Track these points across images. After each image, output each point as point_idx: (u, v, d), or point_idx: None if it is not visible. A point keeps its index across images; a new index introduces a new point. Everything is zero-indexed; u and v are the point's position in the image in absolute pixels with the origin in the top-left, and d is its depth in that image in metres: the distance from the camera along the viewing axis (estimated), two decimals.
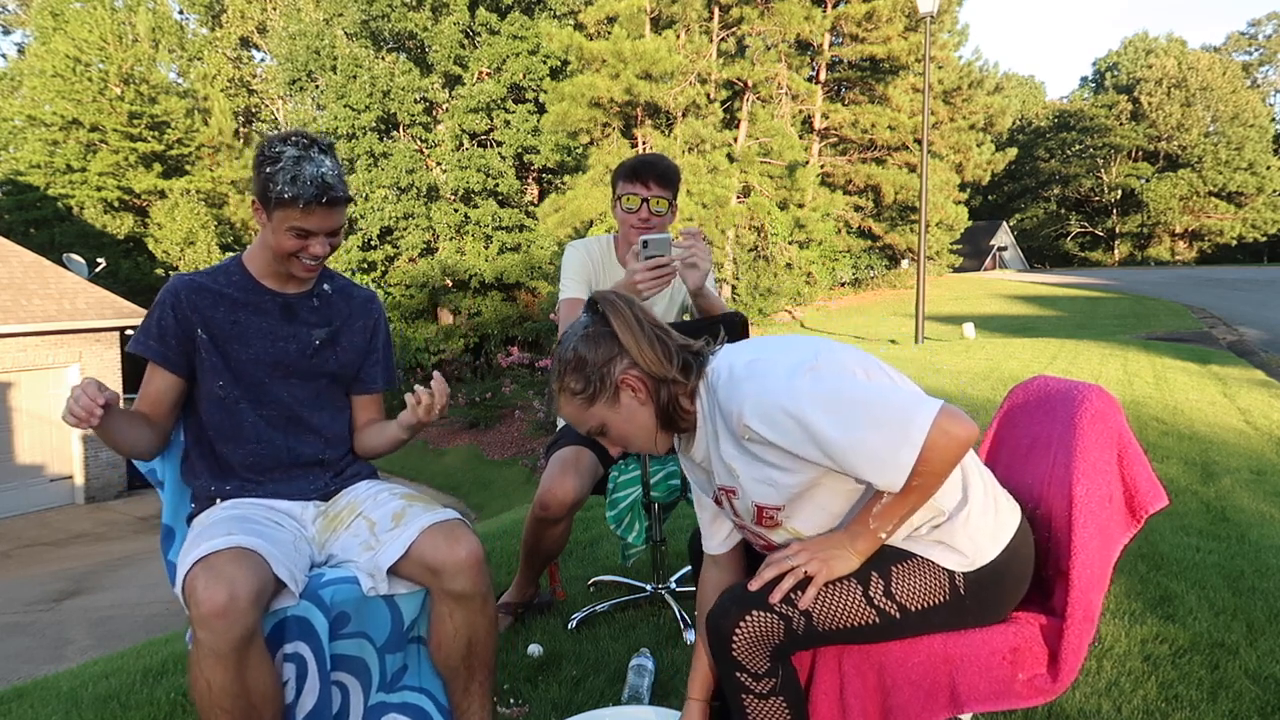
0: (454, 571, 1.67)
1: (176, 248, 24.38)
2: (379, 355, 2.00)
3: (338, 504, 1.89)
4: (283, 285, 1.86)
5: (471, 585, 1.69)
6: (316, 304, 1.89)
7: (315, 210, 1.70)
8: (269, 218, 1.73)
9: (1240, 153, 40.68)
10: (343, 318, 1.92)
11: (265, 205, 1.72)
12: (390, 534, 1.72)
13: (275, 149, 1.69)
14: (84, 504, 14.36)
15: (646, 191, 2.41)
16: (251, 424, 1.82)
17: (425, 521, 1.71)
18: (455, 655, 1.73)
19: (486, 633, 1.74)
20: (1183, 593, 2.63)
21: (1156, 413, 6.10)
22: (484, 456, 16.14)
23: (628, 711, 1.70)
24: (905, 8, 21.14)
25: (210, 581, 1.47)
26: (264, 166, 1.69)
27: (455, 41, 22.47)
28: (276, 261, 1.80)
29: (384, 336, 2.02)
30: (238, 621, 1.47)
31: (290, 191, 1.67)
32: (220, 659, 1.46)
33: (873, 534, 1.34)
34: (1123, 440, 1.42)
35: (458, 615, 1.70)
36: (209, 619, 1.45)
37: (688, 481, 2.35)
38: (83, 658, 6.19)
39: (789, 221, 20.89)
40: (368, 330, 1.97)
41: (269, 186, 1.68)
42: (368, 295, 2.01)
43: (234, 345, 1.81)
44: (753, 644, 1.32)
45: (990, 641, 1.40)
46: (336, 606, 1.70)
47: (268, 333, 1.83)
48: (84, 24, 23.79)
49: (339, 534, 1.82)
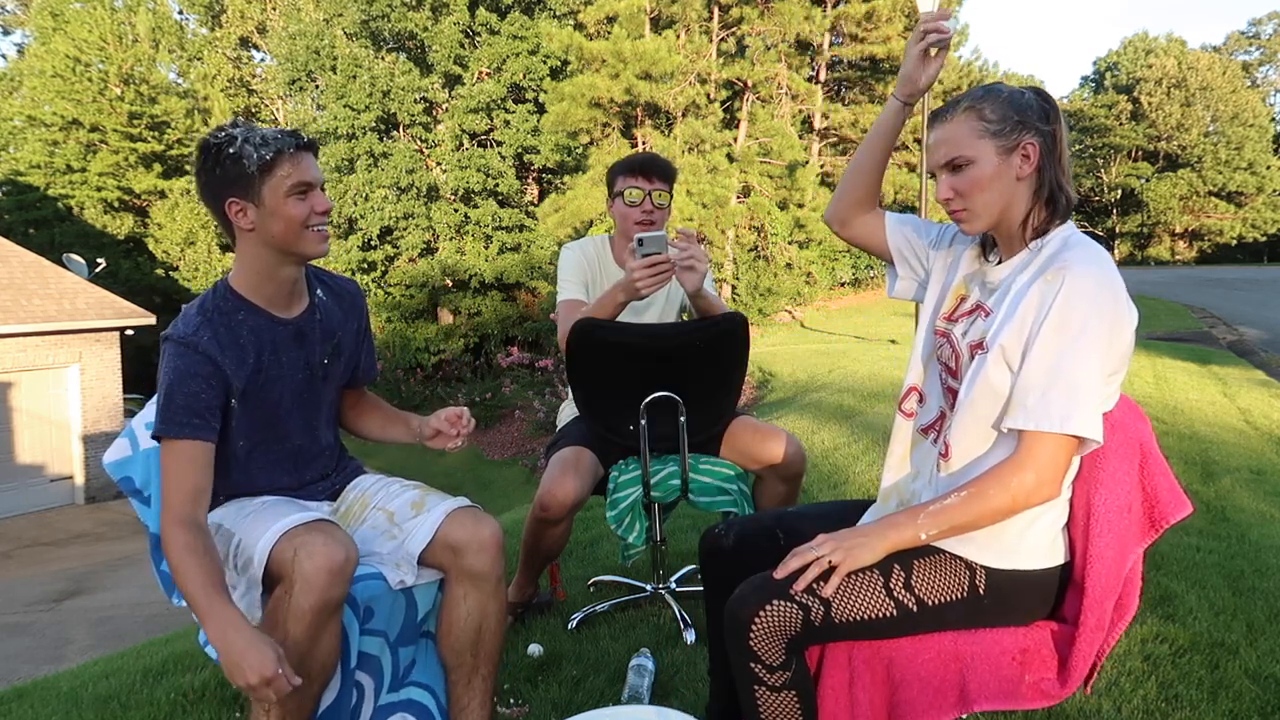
0: (477, 549, 1.70)
1: (176, 248, 24.40)
2: (366, 346, 1.96)
3: (346, 499, 1.90)
4: (288, 309, 1.74)
5: (490, 565, 1.72)
6: (320, 317, 1.80)
7: (301, 155, 1.61)
8: (259, 200, 1.59)
9: (1240, 153, 40.63)
10: (339, 323, 1.86)
11: (249, 188, 1.59)
12: (413, 521, 1.74)
13: (221, 136, 1.60)
14: (84, 504, 14.36)
15: (649, 185, 2.43)
16: (260, 464, 1.78)
17: (450, 505, 1.75)
18: (464, 641, 1.73)
19: (497, 621, 1.76)
20: (1183, 593, 2.63)
21: (1156, 413, 6.10)
22: (484, 456, 16.14)
23: (628, 711, 1.70)
24: (905, 8, 21.13)
25: (330, 540, 1.51)
26: (222, 154, 1.58)
27: (455, 41, 22.46)
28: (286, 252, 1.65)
29: (369, 328, 1.97)
30: (343, 583, 1.51)
31: (270, 150, 1.57)
32: (309, 617, 1.49)
33: (915, 529, 1.34)
34: (1145, 449, 1.40)
35: (472, 597, 1.72)
36: (322, 573, 1.48)
37: (688, 482, 2.35)
38: (83, 658, 6.19)
39: (789, 221, 20.86)
40: (358, 328, 1.92)
41: (244, 164, 1.57)
42: (352, 290, 1.93)
43: (266, 395, 1.72)
44: (770, 635, 1.32)
45: (1000, 641, 1.40)
46: (363, 603, 1.72)
47: (287, 366, 1.74)
48: (84, 24, 23.81)
49: (355, 529, 1.82)
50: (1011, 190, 1.39)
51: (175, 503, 1.54)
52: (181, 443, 1.57)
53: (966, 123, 1.39)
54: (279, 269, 1.68)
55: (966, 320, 1.46)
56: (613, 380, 2.28)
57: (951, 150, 1.40)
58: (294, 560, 1.50)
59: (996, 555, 1.39)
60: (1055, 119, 1.39)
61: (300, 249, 1.65)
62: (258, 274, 1.68)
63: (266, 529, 1.58)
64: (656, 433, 2.31)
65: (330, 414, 1.90)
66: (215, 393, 1.61)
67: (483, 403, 17.87)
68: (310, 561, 1.48)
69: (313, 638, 1.51)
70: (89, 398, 14.44)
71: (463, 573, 1.72)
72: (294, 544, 1.51)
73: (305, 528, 1.55)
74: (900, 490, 1.54)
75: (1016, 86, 1.43)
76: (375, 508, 1.82)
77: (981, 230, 1.44)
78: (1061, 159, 1.40)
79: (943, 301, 1.55)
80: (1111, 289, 1.30)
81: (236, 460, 1.74)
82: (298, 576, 1.49)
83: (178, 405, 1.57)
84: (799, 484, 2.42)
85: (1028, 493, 1.30)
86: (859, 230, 1.68)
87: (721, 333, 2.22)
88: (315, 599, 1.48)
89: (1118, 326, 1.31)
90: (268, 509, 1.67)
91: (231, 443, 1.71)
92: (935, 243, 1.63)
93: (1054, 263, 1.34)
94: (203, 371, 1.60)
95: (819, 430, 5.94)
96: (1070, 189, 1.41)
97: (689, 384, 2.27)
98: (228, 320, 1.66)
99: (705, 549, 1.69)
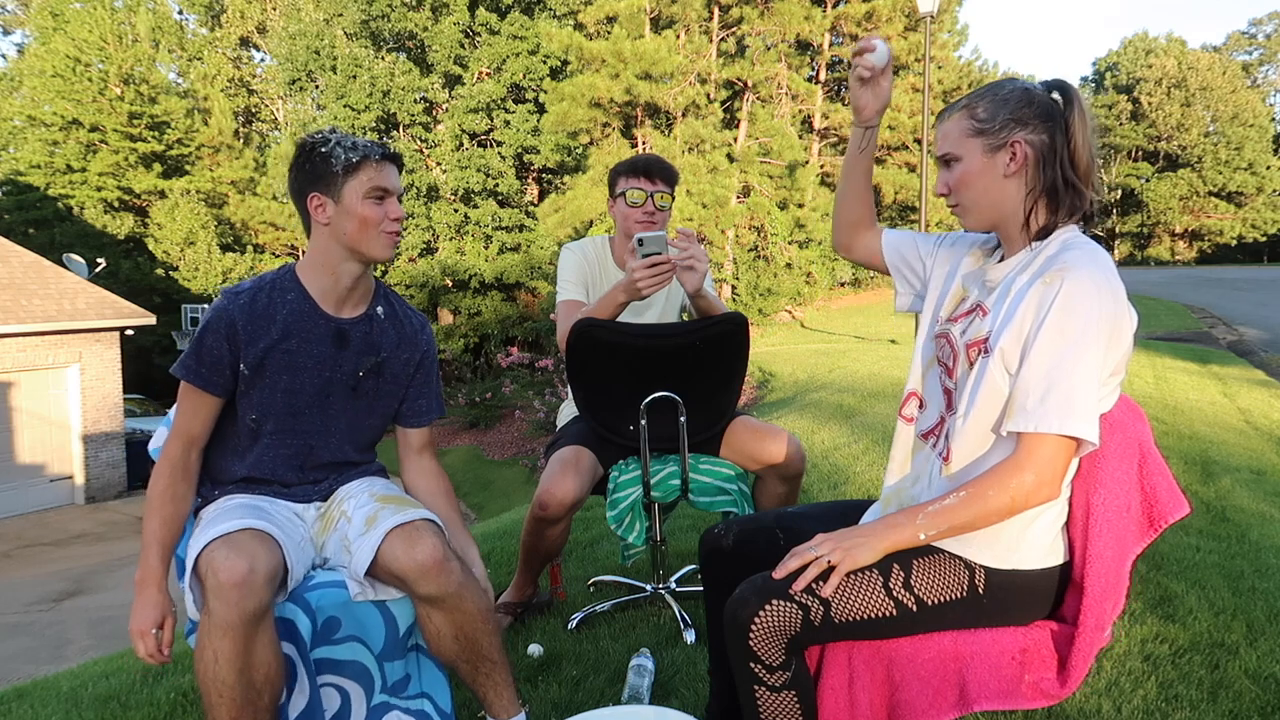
0: (416, 576, 1.64)
1: (176, 248, 24.39)
2: (421, 384, 1.93)
3: (333, 502, 1.88)
4: (338, 308, 1.79)
5: (438, 588, 1.64)
6: (368, 330, 1.82)
7: (385, 164, 1.73)
8: (339, 197, 1.70)
9: (1240, 153, 40.64)
10: (391, 347, 1.86)
11: (331, 185, 1.70)
12: (361, 539, 1.69)
13: (317, 137, 1.73)
14: (84, 504, 14.36)
15: (651, 186, 2.44)
16: (267, 448, 1.78)
17: (389, 524, 1.67)
18: (448, 652, 1.72)
19: (475, 627, 1.70)
20: (1183, 593, 2.63)
21: (1156, 413, 6.10)
22: (484, 456, 16.14)
23: (628, 711, 1.70)
24: (905, 8, 21.13)
25: (231, 554, 1.51)
26: (314, 152, 1.71)
27: (455, 41, 22.47)
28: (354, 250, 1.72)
29: (431, 367, 1.94)
30: (253, 594, 1.49)
31: (357, 155, 1.70)
32: (231, 631, 1.48)
33: (914, 529, 1.34)
34: (1144, 449, 1.40)
35: (436, 616, 1.69)
36: (227, 589, 1.48)
37: (688, 482, 2.35)
38: (83, 658, 6.19)
39: (789, 221, 20.86)
40: (412, 363, 1.91)
41: (331, 163, 1.69)
42: (419, 324, 1.94)
43: (281, 376, 1.74)
44: (770, 635, 1.32)
45: (1000, 640, 1.40)
46: (323, 611, 1.70)
47: (317, 359, 1.77)
48: (84, 24, 23.80)
49: (330, 535, 1.81)
50: (999, 188, 1.40)
51: (172, 444, 1.72)
52: (186, 387, 1.71)
53: (959, 122, 1.42)
54: (342, 264, 1.76)
55: (965, 320, 1.47)
56: (613, 380, 2.28)
57: (944, 146, 1.44)
58: (204, 576, 1.52)
59: (996, 555, 1.39)
60: (1067, 116, 1.38)
61: (367, 249, 1.73)
62: (322, 266, 1.77)
63: (198, 541, 1.58)
64: (656, 433, 2.30)
65: (361, 435, 1.88)
66: (227, 352, 1.71)
67: (483, 403, 17.87)
68: (214, 577, 1.49)
69: (242, 651, 1.50)
70: (89, 398, 14.44)
71: (417, 596, 1.68)
72: (206, 559, 1.53)
73: (222, 540, 1.54)
74: (901, 494, 1.54)
75: (1033, 83, 1.43)
76: (346, 516, 1.79)
77: (978, 226, 1.45)
78: (1074, 156, 1.38)
79: (942, 304, 1.55)
80: (1111, 291, 1.30)
81: (247, 431, 1.77)
82: (209, 593, 1.50)
83: (194, 354, 1.71)
84: (799, 484, 2.42)
85: (1027, 494, 1.30)
86: (861, 253, 1.74)
87: (721, 333, 2.22)
88: (227, 614, 1.48)
89: (1116, 329, 1.31)
90: (220, 515, 1.65)
91: (242, 412, 1.76)
92: (934, 251, 1.63)
93: (1053, 264, 1.34)
94: (222, 330, 1.70)
95: (819, 430, 5.94)
96: (1084, 187, 1.38)
97: (689, 384, 2.27)
98: (274, 296, 1.75)
99: (705, 549, 1.69)
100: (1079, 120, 1.38)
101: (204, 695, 1.53)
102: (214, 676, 1.50)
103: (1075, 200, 1.39)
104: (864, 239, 1.71)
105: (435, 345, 2.00)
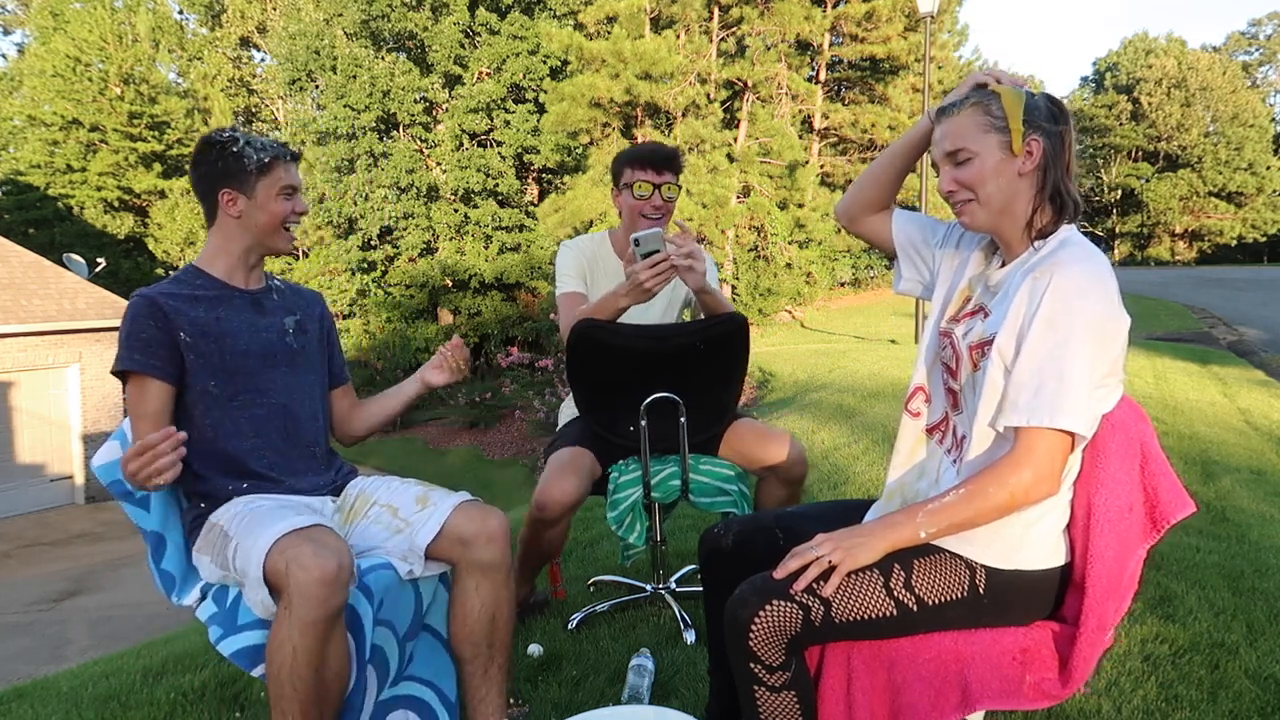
0: (485, 541, 1.76)
1: (176, 248, 24.40)
2: (335, 348, 2.10)
3: (349, 496, 1.93)
4: (245, 283, 1.91)
5: (500, 556, 1.78)
6: (277, 297, 1.96)
7: (291, 164, 1.86)
8: (252, 194, 1.81)
9: (1240, 153, 40.62)
10: (302, 308, 2.01)
11: (245, 182, 1.81)
12: (420, 515, 1.79)
13: (225, 136, 1.82)
14: (84, 504, 14.36)
15: (658, 178, 2.42)
16: (247, 419, 1.84)
17: (456, 500, 1.82)
18: (479, 632, 1.78)
19: (509, 610, 1.82)
20: (1183, 593, 2.63)
21: (1156, 413, 6.10)
22: (484, 456, 16.13)
23: (628, 711, 1.70)
24: (905, 8, 21.12)
25: (320, 550, 1.52)
26: (225, 150, 1.80)
27: (455, 41, 22.46)
28: (260, 242, 1.86)
29: (334, 328, 2.12)
30: (341, 590, 1.52)
31: (269, 154, 1.82)
32: (314, 627, 1.50)
33: (914, 528, 1.34)
34: (1146, 449, 1.40)
35: (484, 588, 1.77)
36: (317, 585, 1.49)
37: (688, 482, 2.35)
38: (83, 658, 6.18)
39: (789, 221, 20.85)
40: (322, 324, 2.06)
41: (244, 161, 1.80)
42: (314, 293, 2.11)
43: (221, 340, 1.82)
44: (770, 635, 1.32)
45: (1001, 640, 1.40)
46: (377, 594, 1.73)
47: (248, 324, 1.87)
48: (84, 24, 23.81)
49: (357, 524, 1.86)
50: (1014, 186, 1.40)
51: (139, 432, 1.72)
52: (134, 383, 1.73)
53: (972, 117, 1.41)
54: (248, 251, 1.88)
55: (968, 321, 1.47)
56: (613, 380, 2.28)
57: (956, 143, 1.42)
58: (287, 573, 1.51)
59: (997, 555, 1.39)
60: (1063, 122, 1.40)
61: (274, 242, 1.88)
62: (223, 251, 1.88)
63: (258, 539, 1.58)
64: (656, 433, 2.30)
65: (312, 390, 1.97)
66: (159, 330, 1.75)
67: (483, 403, 17.86)
68: (304, 574, 1.49)
69: (320, 647, 1.52)
70: (89, 398, 14.44)
71: (473, 565, 1.77)
72: (285, 556, 1.52)
73: (296, 536, 1.56)
74: (905, 489, 1.54)
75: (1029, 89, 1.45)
76: (378, 504, 1.87)
77: (981, 225, 1.45)
78: (1068, 163, 1.40)
79: (949, 302, 1.55)
80: (1101, 284, 1.30)
81: (217, 403, 1.81)
82: (294, 590, 1.50)
83: (124, 345, 1.74)
84: (800, 488, 2.41)
85: (1026, 490, 1.30)
86: (866, 228, 1.72)
87: (722, 333, 2.22)
88: (315, 611, 1.49)
89: (1108, 322, 1.31)
90: (263, 514, 1.67)
91: (201, 384, 1.79)
92: (942, 242, 1.63)
93: (1045, 261, 1.35)
94: (146, 312, 1.76)
95: (819, 430, 5.94)
96: (1075, 193, 1.41)
97: (689, 384, 2.27)
98: (183, 285, 1.84)
99: (705, 549, 1.69)
100: (1070, 128, 1.41)
101: (273, 690, 1.53)
102: (291, 673, 1.50)
103: (1070, 203, 1.41)
104: (874, 218, 1.72)
105: (330, 313, 2.15)
